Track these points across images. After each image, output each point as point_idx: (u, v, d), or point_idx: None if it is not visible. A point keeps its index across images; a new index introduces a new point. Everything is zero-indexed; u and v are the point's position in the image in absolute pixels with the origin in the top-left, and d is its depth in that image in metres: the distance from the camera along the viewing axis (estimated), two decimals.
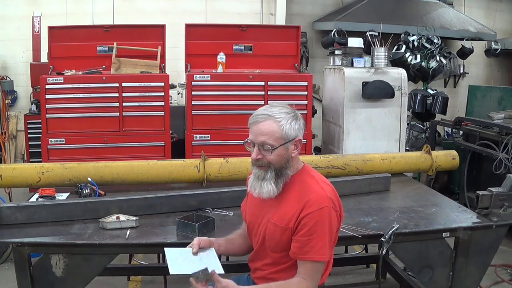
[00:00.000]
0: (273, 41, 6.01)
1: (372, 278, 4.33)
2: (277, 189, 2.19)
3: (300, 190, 2.19)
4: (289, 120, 2.16)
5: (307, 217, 2.11)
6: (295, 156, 2.23)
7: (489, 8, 9.62)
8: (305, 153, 5.51)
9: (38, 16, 7.57)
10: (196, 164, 3.79)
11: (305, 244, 2.13)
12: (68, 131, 5.19)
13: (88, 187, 3.42)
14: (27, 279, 2.65)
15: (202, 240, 2.32)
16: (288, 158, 2.18)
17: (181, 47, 5.92)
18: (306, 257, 2.14)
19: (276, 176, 2.18)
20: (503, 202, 3.07)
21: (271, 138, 2.13)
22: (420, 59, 7.20)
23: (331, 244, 2.18)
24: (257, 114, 2.17)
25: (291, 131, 2.15)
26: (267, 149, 2.14)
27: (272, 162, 2.16)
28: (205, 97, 5.43)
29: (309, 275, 2.15)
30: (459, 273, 3.00)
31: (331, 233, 2.15)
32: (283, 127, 2.14)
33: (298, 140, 2.20)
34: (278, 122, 2.14)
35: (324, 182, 2.26)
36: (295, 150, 2.20)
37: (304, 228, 2.12)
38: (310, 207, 2.11)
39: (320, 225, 2.11)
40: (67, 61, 5.52)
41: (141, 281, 4.23)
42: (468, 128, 5.69)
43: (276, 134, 2.13)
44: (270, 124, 2.14)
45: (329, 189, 2.21)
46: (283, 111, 2.17)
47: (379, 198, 3.58)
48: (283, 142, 2.14)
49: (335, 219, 2.17)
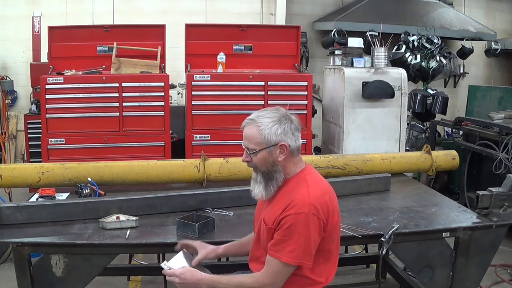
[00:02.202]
0: (273, 41, 6.01)
1: (372, 278, 4.33)
2: (267, 192, 2.25)
3: (290, 193, 2.20)
4: (270, 125, 2.18)
5: (285, 219, 2.13)
6: (286, 160, 2.23)
7: (489, 8, 9.61)
8: (305, 153, 5.51)
9: (38, 16, 7.57)
10: (196, 164, 3.79)
11: (277, 243, 2.15)
12: (68, 131, 5.19)
13: (88, 187, 3.42)
14: (27, 279, 2.66)
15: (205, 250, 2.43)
16: (273, 162, 2.21)
17: (181, 47, 5.92)
18: (274, 255, 2.15)
19: (265, 179, 2.24)
20: (503, 202, 3.07)
21: (252, 143, 2.20)
22: (420, 59, 7.20)
23: (306, 250, 2.13)
24: (246, 119, 2.25)
25: (271, 136, 2.18)
26: (251, 153, 2.22)
27: (257, 166, 2.23)
28: (205, 97, 5.43)
29: (269, 273, 2.16)
30: (459, 273, 3.00)
31: (307, 238, 2.11)
32: (262, 132, 2.18)
33: (283, 144, 2.20)
34: (259, 127, 2.19)
35: (317, 186, 2.22)
36: (281, 154, 2.21)
37: (280, 228, 2.15)
38: (290, 209, 2.13)
39: (294, 229, 2.11)
40: (67, 61, 5.52)
41: (141, 281, 4.23)
42: (468, 128, 5.69)
43: (256, 138, 2.19)
44: (252, 129, 2.20)
45: (317, 194, 2.16)
46: (267, 116, 2.21)
47: (379, 198, 3.58)
48: (264, 146, 2.19)
49: (314, 226, 2.12)
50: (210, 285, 2.22)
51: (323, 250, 2.23)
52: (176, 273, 2.22)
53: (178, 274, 2.22)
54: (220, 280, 2.23)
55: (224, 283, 2.21)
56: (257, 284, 2.17)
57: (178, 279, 2.21)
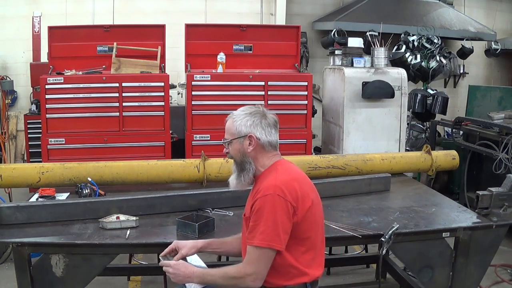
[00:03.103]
0: (273, 41, 6.01)
1: (372, 278, 4.33)
2: (238, 181, 2.38)
3: (261, 183, 2.31)
4: (242, 117, 2.36)
5: (254, 204, 2.25)
6: (256, 153, 2.35)
7: (489, 8, 9.62)
8: (305, 153, 5.51)
9: (38, 16, 7.57)
10: (196, 164, 3.79)
11: (251, 230, 2.23)
12: (68, 131, 5.19)
13: (88, 187, 3.42)
14: (27, 279, 2.66)
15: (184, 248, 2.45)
16: (244, 153, 2.35)
17: (181, 47, 5.92)
18: (250, 242, 2.22)
19: (238, 169, 2.38)
20: (503, 202, 3.07)
21: (228, 133, 2.40)
22: (420, 59, 7.20)
23: (275, 232, 2.17)
24: None
25: (241, 127, 2.34)
26: (228, 144, 2.39)
27: (232, 155, 2.39)
28: (205, 97, 5.43)
29: (249, 262, 2.23)
30: (459, 273, 3.00)
31: (275, 220, 2.17)
32: (235, 123, 2.36)
33: (251, 136, 2.33)
34: (233, 119, 2.38)
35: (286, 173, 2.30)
36: (250, 146, 2.34)
37: (251, 215, 2.25)
38: (258, 194, 2.24)
39: (262, 211, 2.19)
40: (67, 61, 5.52)
41: (141, 281, 4.23)
42: (468, 128, 5.69)
43: (230, 129, 2.38)
44: (229, 121, 2.41)
45: (283, 179, 2.25)
46: (242, 109, 2.41)
47: (379, 198, 3.58)
48: (236, 136, 2.36)
49: (281, 208, 2.18)
50: (200, 277, 2.32)
51: (301, 238, 2.26)
52: (171, 263, 2.35)
53: (172, 265, 2.34)
54: (209, 272, 2.34)
55: (212, 274, 2.32)
56: (240, 274, 2.23)
57: (172, 270, 2.33)
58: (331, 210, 3.20)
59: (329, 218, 2.94)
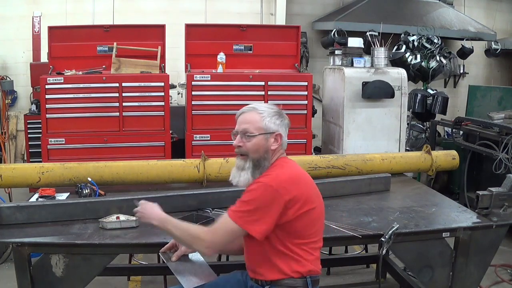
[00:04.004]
0: (273, 41, 6.01)
1: (372, 278, 4.33)
2: (253, 179, 2.30)
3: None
4: (271, 114, 2.33)
5: (250, 186, 2.26)
6: (275, 150, 2.33)
7: (489, 8, 9.62)
8: (305, 153, 5.51)
9: (38, 16, 7.58)
10: (196, 164, 3.79)
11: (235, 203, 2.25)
12: (68, 131, 5.19)
13: (88, 187, 3.42)
14: (27, 279, 2.65)
15: None
16: (267, 150, 2.31)
17: (181, 47, 5.92)
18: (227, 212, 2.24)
19: (253, 166, 2.32)
20: (503, 202, 3.07)
21: (252, 127, 2.30)
22: (420, 59, 7.20)
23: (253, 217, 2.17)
24: (244, 107, 2.38)
25: (271, 124, 2.31)
26: (248, 136, 2.30)
27: (250, 150, 2.31)
28: (205, 97, 5.43)
29: (214, 227, 2.25)
30: (459, 273, 2.99)
31: (261, 207, 2.16)
32: (264, 119, 2.30)
33: (279, 134, 2.32)
34: (260, 114, 2.32)
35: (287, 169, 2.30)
36: (275, 143, 2.32)
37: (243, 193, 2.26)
38: (257, 180, 2.26)
39: (253, 194, 2.20)
40: (67, 61, 5.52)
41: (141, 281, 4.24)
42: (468, 128, 5.69)
43: (256, 123, 2.30)
44: (253, 114, 2.33)
45: (286, 173, 2.25)
46: (267, 107, 2.37)
47: (379, 198, 3.58)
48: (263, 132, 2.30)
49: (271, 196, 2.17)
50: (162, 221, 2.34)
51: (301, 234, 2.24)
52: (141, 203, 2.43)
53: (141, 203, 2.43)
54: (170, 221, 2.33)
55: (173, 224, 2.32)
56: (199, 235, 2.25)
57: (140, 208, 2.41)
58: (331, 210, 3.19)
59: (329, 218, 2.93)
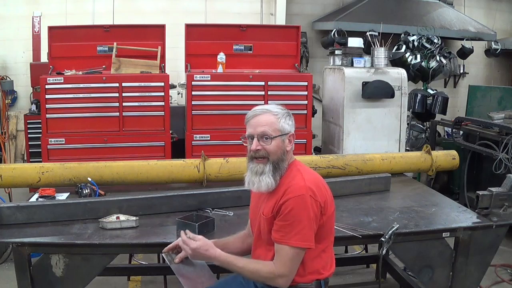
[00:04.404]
0: (273, 41, 6.01)
1: (372, 278, 4.33)
2: (275, 182, 2.27)
3: (284, 181, 2.27)
4: (285, 115, 2.31)
5: (284, 204, 2.18)
6: (289, 152, 2.33)
7: (489, 8, 9.62)
8: (305, 153, 5.51)
9: (38, 16, 7.58)
10: (196, 164, 3.79)
11: (281, 229, 2.18)
12: (68, 131, 5.19)
13: (88, 187, 3.42)
14: (27, 279, 2.65)
15: None
16: (284, 151, 2.29)
17: (181, 47, 5.92)
18: (282, 241, 2.18)
19: (274, 169, 2.27)
20: (503, 202, 3.07)
21: (270, 129, 2.26)
22: (420, 59, 7.20)
23: (310, 232, 2.17)
24: (255, 109, 2.32)
25: (286, 125, 2.30)
26: (267, 139, 2.25)
27: (271, 153, 2.26)
28: (205, 97, 5.43)
29: (280, 260, 2.18)
30: (459, 273, 3.00)
31: (309, 220, 2.17)
32: (280, 120, 2.28)
33: (292, 135, 2.33)
34: (276, 115, 2.29)
35: (309, 173, 2.30)
36: (289, 144, 2.32)
37: (281, 214, 2.19)
38: (288, 194, 2.19)
39: (296, 212, 2.16)
40: (67, 61, 5.52)
41: (141, 281, 4.23)
42: (468, 128, 5.69)
43: (274, 125, 2.27)
44: (269, 116, 2.28)
45: (311, 179, 2.25)
46: (278, 108, 2.34)
47: (379, 198, 3.58)
48: (280, 133, 2.27)
49: (313, 208, 2.18)
50: (224, 263, 2.26)
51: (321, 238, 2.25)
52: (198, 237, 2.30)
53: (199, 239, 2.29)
54: (236, 262, 2.25)
55: (240, 266, 2.24)
56: (272, 275, 2.18)
57: (196, 245, 2.26)
58: None
59: None
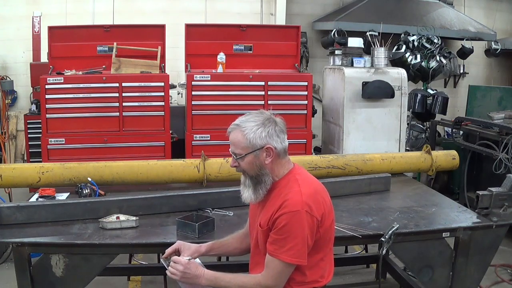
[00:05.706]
0: (273, 41, 6.01)
1: (372, 278, 4.33)
2: (256, 196, 2.25)
3: (281, 193, 2.21)
4: (255, 128, 2.19)
5: (279, 218, 2.14)
6: (273, 163, 2.24)
7: (489, 8, 9.62)
8: (305, 153, 5.51)
9: (38, 16, 7.57)
10: (196, 164, 3.79)
11: (275, 242, 2.16)
12: (68, 131, 5.19)
13: (88, 187, 3.42)
14: (27, 279, 2.66)
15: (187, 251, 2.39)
16: (261, 166, 2.22)
17: (181, 47, 5.92)
18: (273, 254, 2.15)
19: (253, 183, 2.25)
20: (503, 202, 3.07)
21: (238, 148, 2.22)
22: (420, 59, 7.20)
23: (303, 248, 2.14)
24: (231, 125, 2.26)
25: (257, 139, 2.19)
26: (238, 158, 2.23)
27: (245, 170, 2.25)
28: (205, 97, 5.43)
29: (268, 272, 2.17)
30: (459, 273, 3.00)
31: (303, 237, 2.12)
32: (247, 136, 2.19)
33: (269, 147, 2.20)
34: (243, 132, 2.20)
35: (308, 185, 2.23)
36: (268, 157, 2.21)
37: (276, 228, 2.15)
38: (283, 208, 2.14)
39: (290, 227, 2.12)
40: (67, 61, 5.52)
41: (141, 281, 4.24)
42: (468, 128, 5.69)
43: (241, 143, 2.21)
44: (237, 134, 2.22)
45: (308, 192, 2.18)
46: (251, 120, 2.22)
47: (379, 198, 3.58)
48: (250, 150, 2.20)
49: (309, 224, 2.14)
50: (211, 281, 2.23)
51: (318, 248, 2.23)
52: (182, 261, 2.24)
53: (183, 263, 2.23)
54: (223, 278, 2.24)
55: (226, 281, 2.23)
56: (259, 287, 2.17)
57: (182, 268, 2.22)
58: None
59: None
